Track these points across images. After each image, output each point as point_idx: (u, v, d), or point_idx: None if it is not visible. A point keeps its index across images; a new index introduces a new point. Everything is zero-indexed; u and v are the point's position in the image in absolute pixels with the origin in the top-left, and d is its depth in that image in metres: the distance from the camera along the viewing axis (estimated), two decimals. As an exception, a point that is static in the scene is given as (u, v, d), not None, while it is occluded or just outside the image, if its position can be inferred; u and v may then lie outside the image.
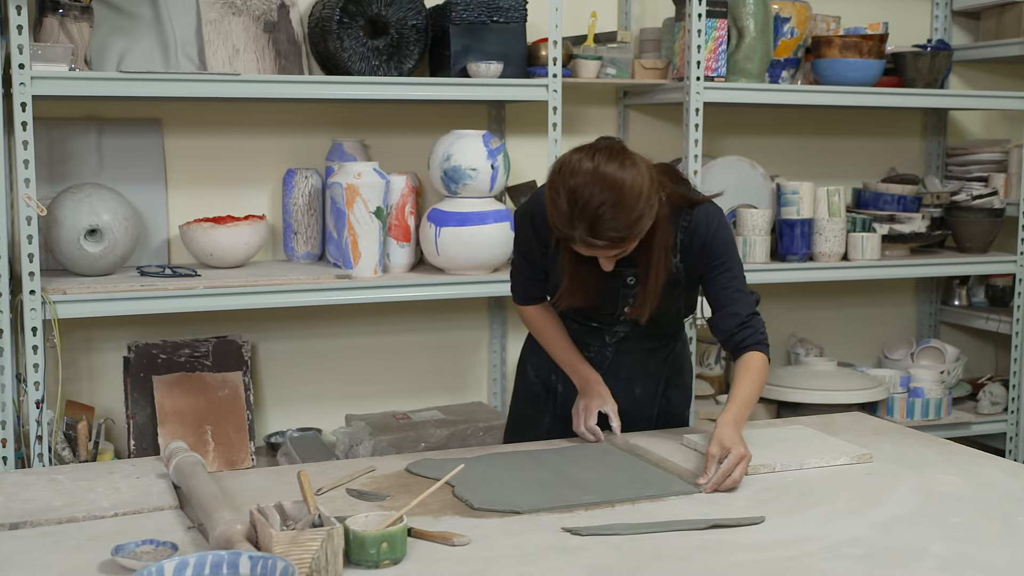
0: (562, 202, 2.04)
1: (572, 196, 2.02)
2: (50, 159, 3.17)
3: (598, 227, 2.03)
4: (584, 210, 2.01)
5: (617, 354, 2.43)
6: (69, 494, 1.98)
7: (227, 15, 3.20)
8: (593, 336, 2.43)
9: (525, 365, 2.57)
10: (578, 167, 2.05)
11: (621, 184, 2.02)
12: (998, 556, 1.74)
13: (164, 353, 3.16)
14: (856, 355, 4.19)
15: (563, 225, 2.05)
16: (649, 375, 2.47)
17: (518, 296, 2.48)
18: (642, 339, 2.42)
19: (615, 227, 2.03)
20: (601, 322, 2.40)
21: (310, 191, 3.30)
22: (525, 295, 2.46)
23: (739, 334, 2.29)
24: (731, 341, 2.30)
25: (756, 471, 2.17)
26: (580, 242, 2.06)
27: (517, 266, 2.45)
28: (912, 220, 3.83)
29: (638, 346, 2.43)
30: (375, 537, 1.66)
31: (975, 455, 2.32)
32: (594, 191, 2.01)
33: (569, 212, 2.03)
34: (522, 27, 3.32)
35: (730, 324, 2.29)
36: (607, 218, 2.02)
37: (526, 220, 2.35)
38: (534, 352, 2.53)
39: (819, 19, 3.81)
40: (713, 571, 1.68)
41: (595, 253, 2.12)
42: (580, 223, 2.03)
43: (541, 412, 2.51)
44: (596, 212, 2.01)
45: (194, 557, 1.51)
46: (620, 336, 2.41)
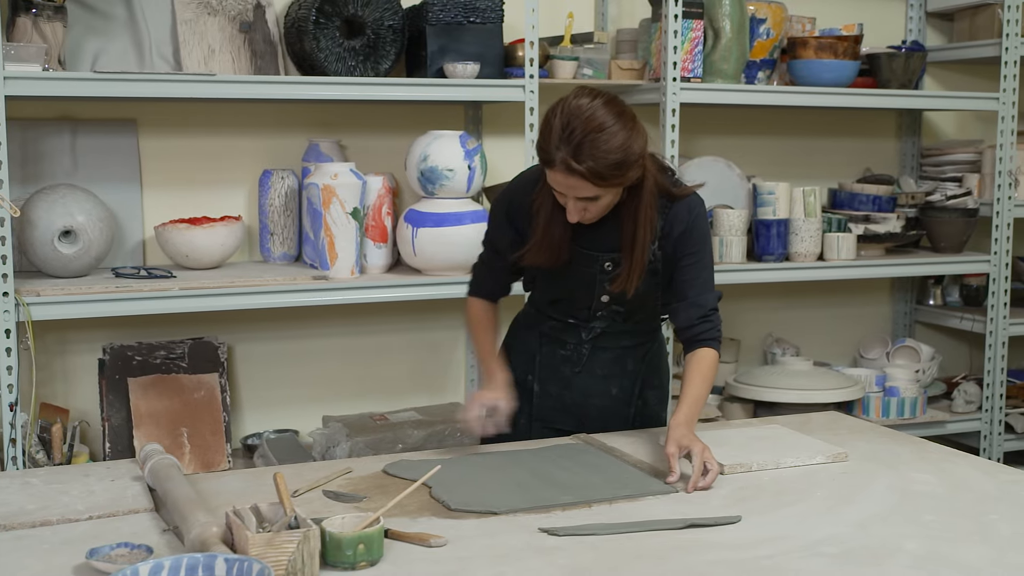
0: (556, 121, 2.09)
1: (568, 117, 2.08)
2: (23, 160, 3.14)
3: (581, 152, 2.06)
4: (573, 133, 2.06)
5: (594, 351, 2.43)
6: (43, 497, 1.97)
7: (202, 15, 3.19)
8: (570, 333, 2.43)
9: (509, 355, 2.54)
10: (583, 94, 2.12)
11: (616, 125, 2.09)
12: (972, 554, 1.75)
13: (139, 355, 3.15)
14: (832, 354, 4.21)
15: (550, 145, 2.09)
16: (626, 374, 2.47)
17: (473, 286, 2.51)
18: (619, 336, 2.43)
19: (596, 158, 2.06)
20: (578, 318, 2.40)
21: (286, 192, 3.29)
22: (480, 287, 2.49)
23: (699, 326, 2.31)
24: (689, 331, 2.32)
25: (733, 470, 2.18)
26: (560, 165, 2.08)
27: (483, 256, 2.49)
28: (887, 220, 3.85)
29: (615, 343, 2.44)
30: (351, 539, 1.66)
31: (950, 453, 2.34)
32: (590, 120, 2.07)
33: (560, 132, 2.07)
34: (499, 28, 3.32)
35: (693, 315, 2.31)
36: (591, 147, 2.06)
37: (502, 204, 2.39)
38: (509, 353, 2.52)
39: (794, 20, 3.83)
40: (690, 570, 1.68)
41: (569, 188, 2.12)
42: (565, 145, 2.07)
43: (516, 412, 2.50)
44: (584, 138, 2.06)
45: (169, 560, 1.50)
46: (597, 332, 2.42)
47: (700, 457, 2.09)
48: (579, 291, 2.35)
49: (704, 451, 2.11)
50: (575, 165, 2.07)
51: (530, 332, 2.50)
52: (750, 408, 3.64)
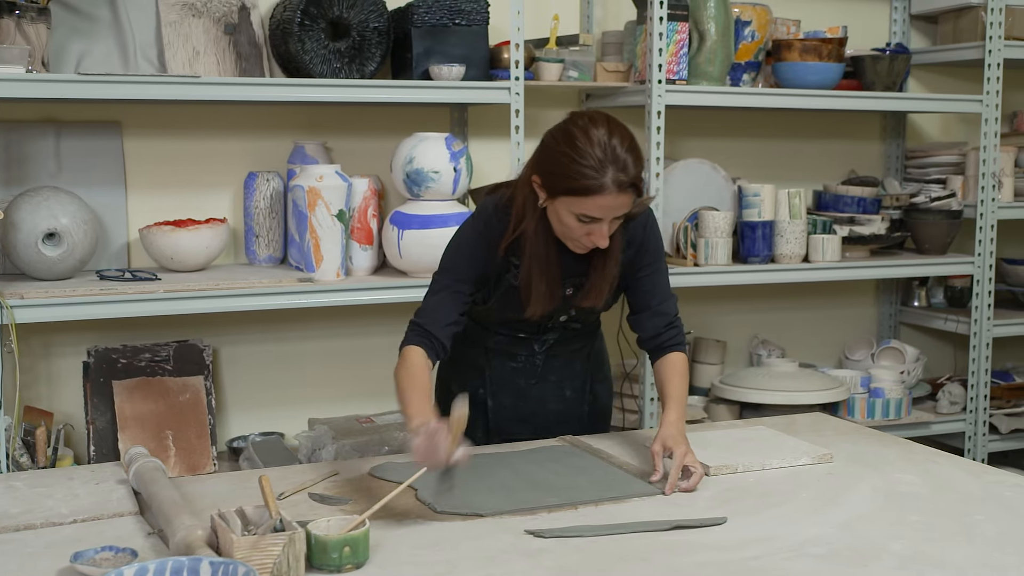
0: (592, 150, 2.08)
1: (601, 141, 2.09)
2: (7, 162, 3.13)
3: (628, 168, 2.09)
4: (615, 153, 2.08)
5: (547, 360, 2.44)
6: (27, 501, 1.96)
7: (187, 17, 3.18)
8: (520, 346, 2.42)
9: (448, 384, 2.52)
10: (593, 120, 2.13)
11: (632, 134, 2.15)
12: (957, 554, 1.76)
13: (124, 358, 3.13)
14: (817, 356, 4.22)
15: (594, 174, 2.07)
16: (576, 375, 2.49)
17: (410, 334, 2.25)
18: (569, 342, 2.45)
19: (638, 170, 2.11)
20: (529, 332, 2.40)
21: (272, 194, 3.29)
22: (429, 330, 2.23)
23: (666, 333, 2.33)
24: (656, 339, 2.34)
25: (718, 472, 2.19)
26: (612, 186, 2.07)
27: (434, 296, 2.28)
28: (872, 222, 3.86)
29: (565, 349, 2.45)
30: (337, 541, 1.65)
31: (934, 454, 2.35)
32: (618, 137, 2.10)
33: (601, 157, 2.07)
34: (484, 30, 3.32)
35: (659, 323, 2.33)
36: (632, 160, 2.10)
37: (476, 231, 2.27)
38: (456, 368, 2.48)
39: (779, 23, 3.84)
40: (676, 572, 1.69)
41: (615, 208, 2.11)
42: (611, 164, 2.07)
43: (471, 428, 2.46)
44: (625, 154, 2.09)
45: (154, 563, 1.50)
46: (549, 343, 2.43)
47: (680, 459, 2.09)
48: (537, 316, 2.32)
49: (687, 454, 2.11)
50: (626, 179, 2.08)
51: (474, 347, 2.45)
52: (736, 409, 3.65)
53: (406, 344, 2.24)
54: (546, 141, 2.17)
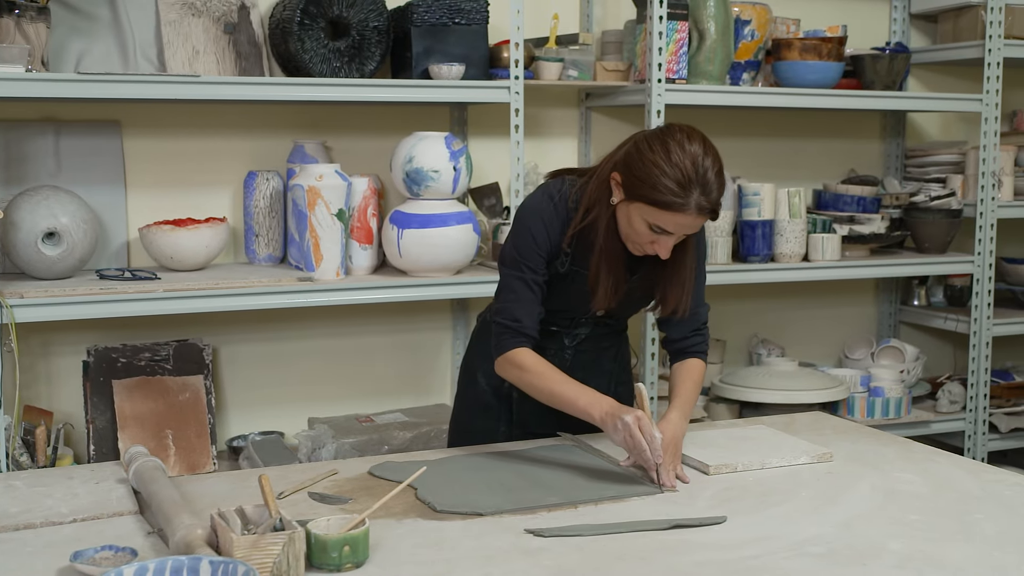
0: (684, 164, 2.07)
1: (694, 160, 2.08)
2: (6, 161, 3.13)
3: (711, 193, 2.09)
4: (705, 176, 2.08)
5: (576, 355, 2.43)
6: (26, 500, 1.96)
7: (187, 16, 3.18)
8: (551, 340, 2.40)
9: (475, 374, 2.50)
10: (691, 136, 2.12)
11: (721, 157, 2.14)
12: (956, 553, 1.76)
13: (124, 357, 3.14)
14: (817, 355, 4.22)
15: (680, 192, 2.07)
16: (603, 373, 2.48)
17: (509, 338, 2.23)
18: (598, 339, 2.44)
19: (720, 196, 2.12)
20: (561, 326, 2.39)
21: (271, 193, 3.29)
22: (521, 331, 2.23)
23: (692, 338, 2.37)
24: (682, 343, 2.37)
25: (718, 471, 2.19)
26: (693, 208, 2.07)
27: (514, 295, 2.24)
28: (872, 221, 3.86)
29: (594, 346, 2.44)
30: (337, 541, 1.65)
31: (934, 453, 2.35)
32: (709, 160, 2.10)
33: (691, 176, 2.07)
34: (484, 29, 3.32)
35: (686, 328, 2.36)
36: (717, 185, 2.10)
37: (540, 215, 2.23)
38: (485, 359, 2.43)
39: (779, 22, 3.84)
40: (676, 571, 1.69)
41: (689, 227, 2.13)
42: (697, 187, 2.07)
43: (494, 421, 2.47)
44: (713, 179, 2.09)
45: (154, 562, 1.50)
46: (581, 338, 2.42)
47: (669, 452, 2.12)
48: (578, 304, 2.33)
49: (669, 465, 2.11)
50: (707, 205, 2.09)
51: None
52: (735, 408, 3.65)
53: (508, 349, 2.23)
54: (639, 145, 2.15)
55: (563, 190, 2.26)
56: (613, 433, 2.11)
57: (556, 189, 2.27)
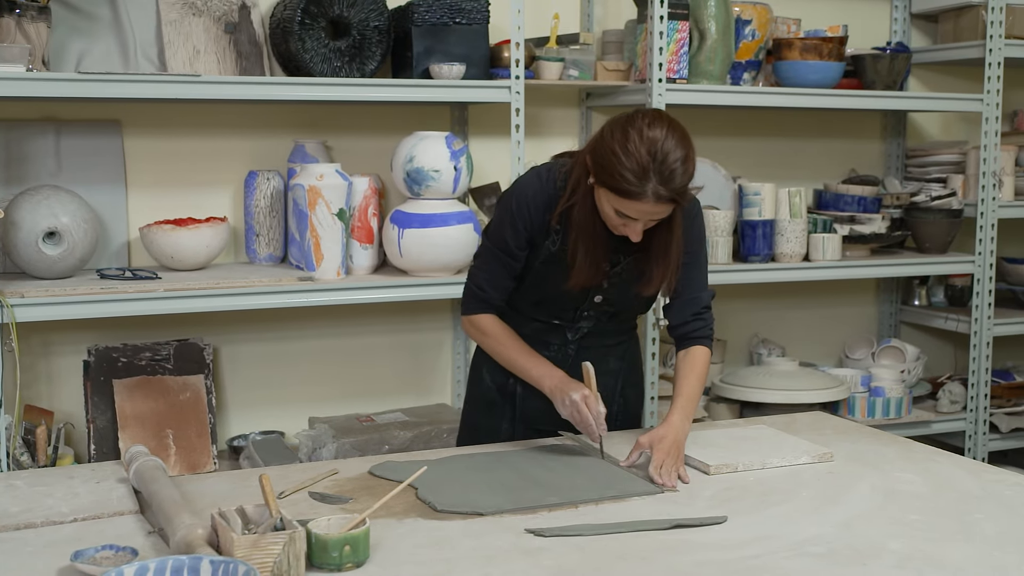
0: (640, 153, 2.05)
1: (652, 147, 2.06)
2: (7, 161, 3.13)
3: (672, 180, 2.06)
4: (664, 162, 2.05)
5: (579, 351, 2.42)
6: (27, 500, 1.96)
7: (187, 16, 3.18)
8: (554, 334, 2.42)
9: (481, 370, 2.52)
10: (653, 122, 2.10)
11: (688, 137, 2.12)
12: (956, 553, 1.76)
13: (124, 356, 3.14)
14: (818, 355, 4.22)
15: (635, 180, 2.06)
16: (609, 372, 2.47)
17: (475, 303, 2.38)
18: (602, 335, 2.44)
19: (683, 183, 2.09)
20: (563, 318, 2.40)
21: (272, 193, 3.29)
22: (485, 300, 2.36)
23: (693, 323, 2.37)
24: (683, 328, 2.38)
25: (719, 471, 2.19)
26: (651, 197, 2.06)
27: (487, 259, 2.35)
28: (872, 221, 3.86)
29: (598, 342, 2.44)
30: (337, 540, 1.65)
31: (934, 453, 2.35)
32: (671, 144, 2.07)
33: (648, 163, 2.05)
34: (484, 28, 3.32)
35: (688, 312, 2.37)
36: (679, 172, 2.07)
37: (518, 211, 2.28)
38: (489, 356, 2.47)
39: (780, 21, 3.84)
40: (676, 571, 1.69)
41: (651, 214, 2.11)
42: (656, 175, 2.05)
43: (498, 418, 2.48)
44: (673, 166, 2.06)
45: (154, 562, 1.50)
46: (583, 332, 2.42)
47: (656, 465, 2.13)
48: (574, 291, 2.33)
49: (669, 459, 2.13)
50: (666, 193, 2.07)
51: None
52: (736, 408, 3.65)
53: (472, 312, 2.38)
54: (604, 130, 2.16)
55: (552, 169, 2.30)
56: (560, 407, 2.25)
57: (546, 168, 2.32)
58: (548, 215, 2.26)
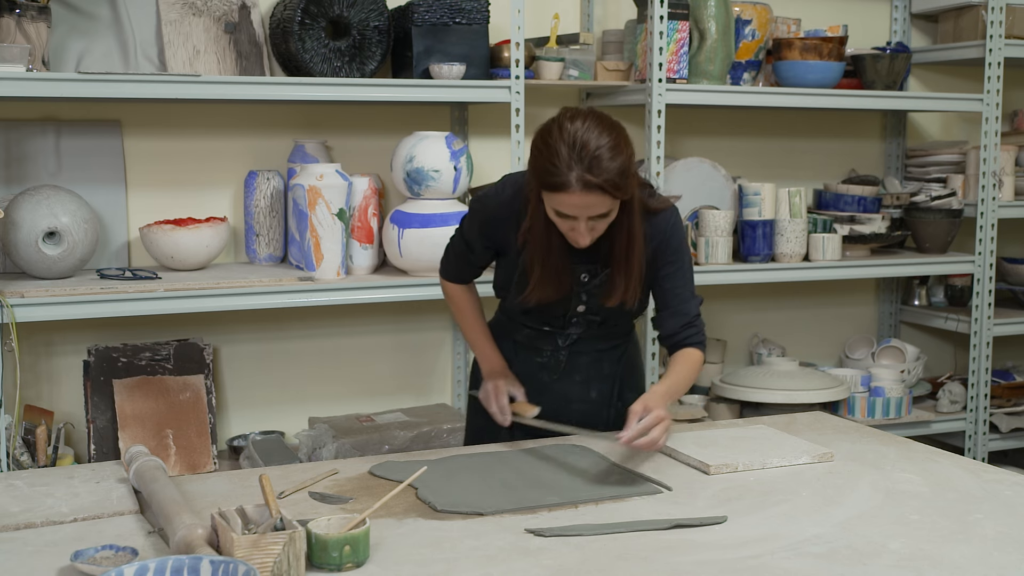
0: (560, 145, 2.05)
1: (573, 137, 2.05)
2: (7, 161, 3.13)
3: (597, 167, 2.04)
4: (584, 149, 2.04)
5: (571, 356, 2.43)
6: (27, 499, 1.96)
7: (187, 16, 3.18)
8: (545, 340, 2.42)
9: (477, 372, 2.55)
10: (575, 115, 2.10)
11: (618, 128, 2.09)
12: (955, 553, 1.76)
13: (124, 356, 3.14)
14: (818, 355, 4.22)
15: (558, 170, 2.05)
16: (604, 377, 2.47)
17: (448, 272, 2.50)
18: (595, 341, 2.43)
19: (611, 169, 2.04)
20: (553, 325, 2.40)
21: (272, 193, 3.29)
22: (456, 275, 2.49)
23: (683, 332, 2.36)
24: (674, 338, 2.37)
25: (719, 471, 2.19)
26: (576, 184, 2.04)
27: (456, 247, 2.45)
28: (872, 221, 3.86)
29: (591, 348, 2.44)
30: (337, 540, 1.65)
31: (934, 453, 2.35)
32: (593, 133, 2.06)
33: (568, 153, 2.04)
34: (484, 28, 3.32)
35: (677, 324, 2.35)
36: (606, 158, 2.04)
37: (479, 217, 2.36)
38: None
39: (780, 21, 3.84)
40: (676, 571, 1.69)
41: (586, 207, 2.08)
42: (578, 163, 2.04)
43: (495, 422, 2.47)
44: (596, 152, 2.04)
45: (154, 562, 1.50)
46: (573, 339, 2.41)
47: (650, 420, 2.13)
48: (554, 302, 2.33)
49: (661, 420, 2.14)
50: (593, 179, 2.04)
51: (504, 341, 2.49)
52: (736, 408, 3.65)
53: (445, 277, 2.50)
54: (535, 135, 2.17)
55: (520, 183, 2.28)
56: (482, 390, 2.43)
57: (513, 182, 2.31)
58: (512, 232, 2.26)
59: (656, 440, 2.13)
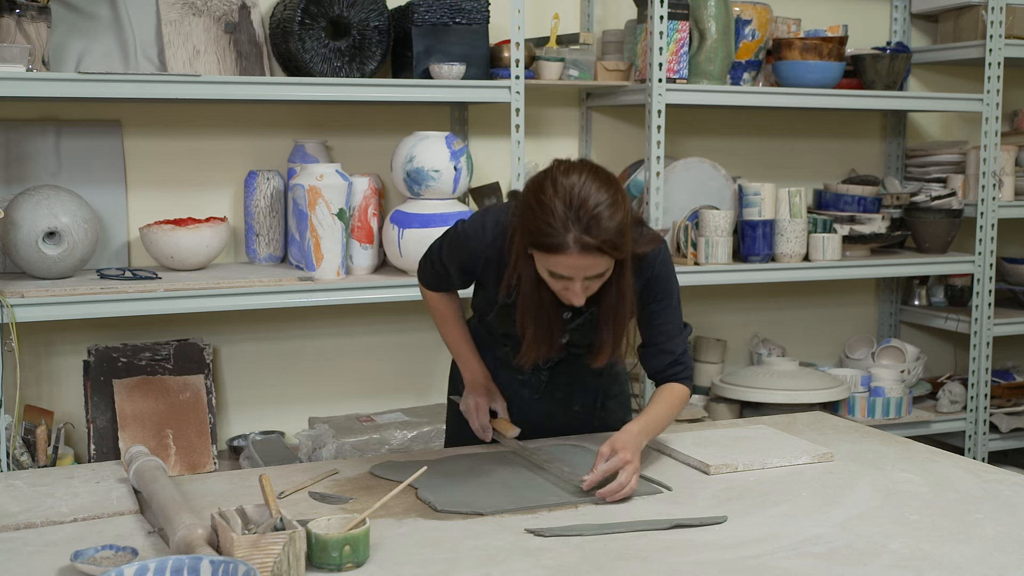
0: (555, 204, 1.92)
1: (569, 194, 1.92)
2: (7, 161, 3.13)
3: (596, 227, 1.91)
4: (582, 209, 1.91)
5: (552, 375, 2.38)
6: (27, 499, 1.96)
7: (187, 16, 3.18)
8: None
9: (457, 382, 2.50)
10: (569, 168, 1.97)
11: (614, 182, 1.97)
12: (955, 553, 1.76)
13: (124, 356, 3.14)
14: (818, 355, 4.22)
15: (555, 231, 1.92)
16: (587, 390, 2.42)
17: (427, 281, 2.39)
18: (576, 361, 2.34)
19: (610, 229, 1.92)
20: None
21: (272, 193, 3.29)
22: (434, 285, 2.37)
23: (669, 370, 2.26)
24: (661, 375, 2.27)
25: (719, 471, 2.19)
26: (574, 247, 1.92)
27: (435, 265, 2.32)
28: (872, 221, 3.86)
29: (572, 367, 2.37)
30: (337, 540, 1.65)
31: (934, 453, 2.35)
32: (591, 188, 1.93)
33: (564, 213, 1.91)
34: (484, 28, 3.32)
35: (663, 362, 2.25)
36: (605, 217, 1.91)
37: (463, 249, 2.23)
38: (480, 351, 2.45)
39: (780, 21, 3.84)
40: (676, 571, 1.69)
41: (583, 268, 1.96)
42: (576, 224, 1.91)
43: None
44: (594, 211, 1.91)
45: (154, 562, 1.50)
46: (554, 361, 2.35)
47: (614, 463, 2.01)
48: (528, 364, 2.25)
49: (630, 465, 2.01)
50: (591, 241, 1.91)
51: (484, 352, 2.42)
52: (736, 408, 3.65)
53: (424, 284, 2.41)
54: (524, 190, 2.03)
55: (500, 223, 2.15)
56: (463, 403, 2.39)
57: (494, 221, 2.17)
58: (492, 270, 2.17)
59: (623, 485, 1.99)
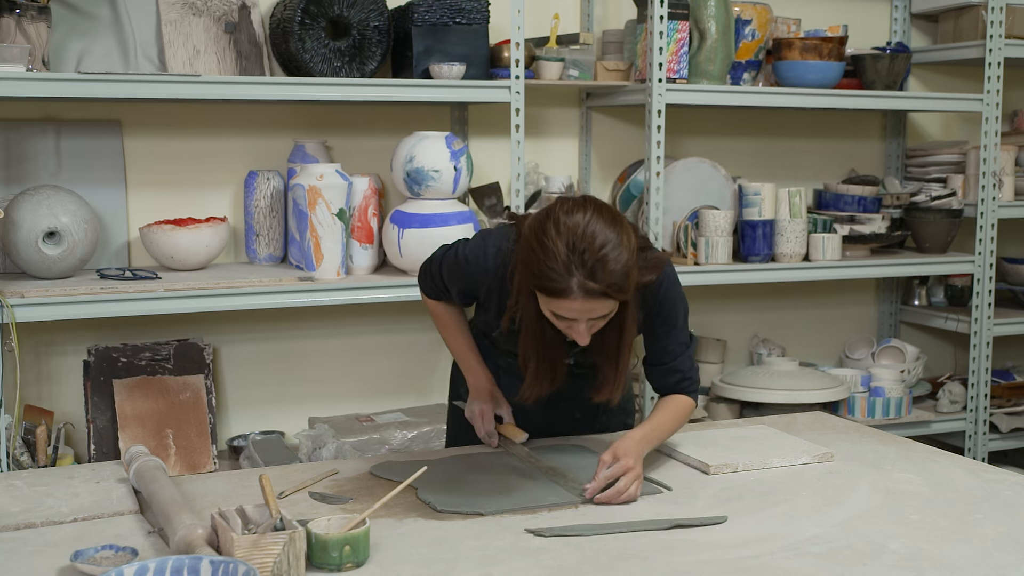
0: (558, 246, 1.86)
1: (572, 235, 1.86)
2: (7, 161, 3.13)
3: (600, 271, 1.85)
4: (586, 252, 1.85)
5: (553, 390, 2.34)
6: (27, 499, 1.96)
7: (187, 16, 3.18)
8: None
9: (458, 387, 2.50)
10: (573, 207, 1.91)
11: (619, 219, 1.91)
12: (955, 553, 1.76)
13: (124, 356, 3.14)
14: (818, 355, 4.22)
15: (558, 275, 1.87)
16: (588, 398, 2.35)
17: (428, 291, 2.36)
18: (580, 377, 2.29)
19: (615, 272, 1.86)
20: None
21: (272, 193, 3.29)
22: (435, 296, 2.35)
23: (677, 387, 2.24)
24: (668, 391, 2.25)
25: (719, 471, 2.19)
26: (578, 292, 1.87)
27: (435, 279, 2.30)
28: (872, 221, 3.86)
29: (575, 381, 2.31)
30: (337, 540, 1.65)
31: (934, 453, 2.35)
32: (596, 229, 1.87)
33: (568, 256, 1.85)
34: (484, 28, 3.32)
35: (670, 380, 2.23)
36: (610, 259, 1.86)
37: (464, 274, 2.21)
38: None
39: (780, 21, 3.84)
40: (676, 571, 1.69)
41: (587, 311, 1.92)
42: (580, 268, 1.85)
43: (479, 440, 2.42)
44: (599, 253, 1.85)
45: (154, 562, 1.50)
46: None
47: (615, 471, 1.99)
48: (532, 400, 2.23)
49: (628, 471, 2.00)
50: (595, 287, 1.85)
51: (487, 360, 2.40)
52: (736, 408, 3.65)
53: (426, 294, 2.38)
54: (526, 231, 1.97)
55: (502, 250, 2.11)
56: (467, 409, 2.36)
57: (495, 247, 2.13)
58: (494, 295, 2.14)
59: (622, 491, 1.98)
